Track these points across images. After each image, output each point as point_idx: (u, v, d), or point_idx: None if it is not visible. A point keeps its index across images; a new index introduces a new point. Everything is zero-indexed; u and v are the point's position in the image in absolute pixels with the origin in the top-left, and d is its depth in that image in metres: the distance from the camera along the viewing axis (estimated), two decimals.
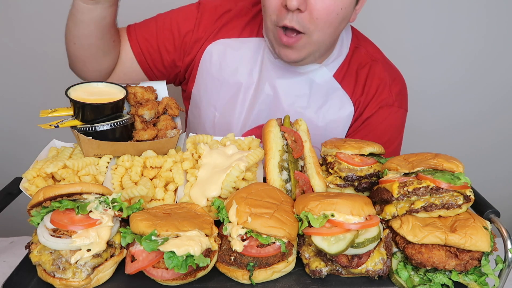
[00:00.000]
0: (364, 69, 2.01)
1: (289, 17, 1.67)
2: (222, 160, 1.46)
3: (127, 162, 1.47)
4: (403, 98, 2.06)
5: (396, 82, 2.03)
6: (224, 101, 2.01)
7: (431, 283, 1.15)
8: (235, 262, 1.16)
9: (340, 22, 1.75)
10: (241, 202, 1.21)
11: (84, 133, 1.42)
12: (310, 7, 1.65)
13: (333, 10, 1.68)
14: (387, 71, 2.02)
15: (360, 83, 2.00)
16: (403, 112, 2.05)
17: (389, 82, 2.00)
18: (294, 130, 1.57)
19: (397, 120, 2.03)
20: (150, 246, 1.08)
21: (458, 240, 1.10)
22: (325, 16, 1.68)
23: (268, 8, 1.74)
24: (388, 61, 2.10)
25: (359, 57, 2.03)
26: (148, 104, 1.59)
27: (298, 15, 1.66)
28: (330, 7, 1.66)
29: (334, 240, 1.13)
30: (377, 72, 2.01)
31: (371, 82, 1.99)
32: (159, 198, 1.40)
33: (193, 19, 1.98)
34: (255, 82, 2.00)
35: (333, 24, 1.73)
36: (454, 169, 1.22)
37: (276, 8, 1.70)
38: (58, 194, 1.15)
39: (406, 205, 1.23)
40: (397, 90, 2.01)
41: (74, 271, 1.10)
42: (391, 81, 2.01)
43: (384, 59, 2.08)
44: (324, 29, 1.72)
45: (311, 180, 1.45)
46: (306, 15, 1.67)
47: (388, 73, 2.02)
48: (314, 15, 1.66)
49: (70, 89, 1.48)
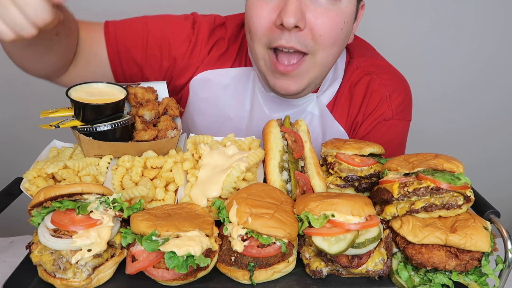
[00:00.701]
0: (358, 86, 1.81)
1: (286, 36, 1.46)
2: (223, 161, 1.46)
3: (128, 163, 1.47)
4: (405, 109, 1.86)
5: (396, 93, 1.82)
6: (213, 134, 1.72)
7: (432, 283, 1.15)
8: (236, 262, 1.16)
9: (344, 39, 1.57)
10: (242, 203, 1.21)
11: (84, 134, 1.42)
12: (310, 23, 1.45)
13: (337, 24, 1.48)
14: (384, 82, 1.82)
15: (355, 103, 1.81)
16: (404, 124, 1.88)
17: (389, 94, 1.80)
18: (295, 130, 1.57)
19: (398, 134, 1.86)
20: (150, 246, 1.08)
21: (458, 241, 1.11)
22: (329, 32, 1.47)
23: (257, 30, 1.51)
24: (385, 69, 1.88)
25: (351, 74, 1.82)
26: (148, 104, 1.60)
27: (297, 33, 1.46)
28: (333, 21, 1.47)
29: (334, 240, 1.13)
30: (373, 87, 1.80)
31: (368, 100, 1.80)
32: (160, 199, 1.40)
33: (186, 42, 1.75)
34: (246, 116, 1.84)
35: (338, 41, 1.54)
36: (454, 170, 1.22)
37: (266, 28, 1.49)
38: (59, 194, 1.15)
39: (407, 205, 1.23)
40: (398, 102, 1.82)
41: (75, 271, 1.11)
42: (391, 93, 1.81)
43: (380, 68, 1.86)
44: (328, 48, 1.52)
45: (312, 181, 1.45)
46: (307, 33, 1.47)
47: (386, 84, 1.81)
48: (316, 31, 1.46)
49: (71, 89, 1.48)
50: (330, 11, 1.46)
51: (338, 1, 1.47)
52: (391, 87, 1.82)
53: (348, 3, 1.50)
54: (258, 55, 1.58)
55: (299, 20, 1.41)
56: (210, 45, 1.78)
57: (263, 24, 1.49)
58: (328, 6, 1.46)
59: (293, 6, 1.40)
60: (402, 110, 1.84)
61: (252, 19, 1.52)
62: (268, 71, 1.60)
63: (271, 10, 1.47)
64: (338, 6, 1.47)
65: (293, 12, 1.39)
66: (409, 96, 1.90)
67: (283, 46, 1.49)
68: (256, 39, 1.55)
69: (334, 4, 1.47)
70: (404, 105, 1.85)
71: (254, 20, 1.51)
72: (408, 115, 1.89)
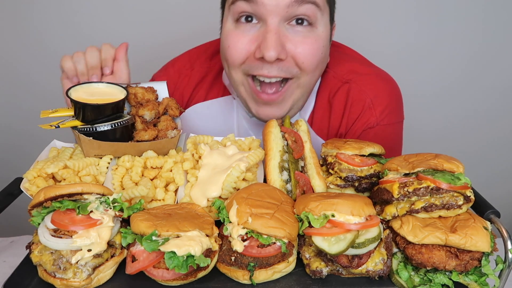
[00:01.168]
0: (337, 96, 1.75)
1: (267, 67, 1.47)
2: (223, 161, 1.46)
3: (128, 163, 1.47)
4: (392, 112, 1.78)
5: (379, 98, 1.75)
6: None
7: (432, 283, 1.15)
8: (236, 262, 1.16)
9: (324, 61, 1.59)
10: (242, 203, 1.21)
11: (84, 134, 1.42)
12: (291, 52, 1.47)
13: (317, 49, 1.51)
14: (364, 88, 1.75)
15: (336, 114, 1.76)
16: (393, 127, 1.80)
17: (370, 101, 1.74)
18: (295, 130, 1.57)
19: (387, 138, 1.77)
20: (150, 246, 1.08)
21: (459, 241, 1.11)
22: (311, 58, 1.50)
23: (235, 60, 1.52)
24: (364, 74, 1.79)
25: (328, 83, 1.77)
26: (148, 104, 1.60)
27: (278, 64, 1.47)
28: (313, 47, 1.50)
29: (334, 240, 1.13)
30: (353, 96, 1.75)
31: (349, 110, 1.75)
32: (160, 199, 1.40)
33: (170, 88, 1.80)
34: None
35: (320, 64, 1.57)
36: (454, 170, 1.22)
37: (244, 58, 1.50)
38: (59, 194, 1.15)
39: (407, 205, 1.23)
40: (382, 108, 1.75)
41: (75, 271, 1.11)
42: (373, 99, 1.74)
43: (358, 74, 1.78)
44: (312, 72, 1.55)
45: (312, 181, 1.45)
46: (290, 61, 1.49)
47: (366, 91, 1.75)
48: (299, 59, 1.49)
49: (71, 89, 1.48)
50: (308, 38, 1.50)
51: (314, 28, 1.50)
52: (372, 93, 1.75)
53: (323, 28, 1.54)
54: (237, 81, 1.60)
55: (280, 53, 1.44)
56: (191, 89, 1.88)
57: (241, 55, 1.51)
58: (306, 34, 1.50)
59: (273, 40, 1.41)
60: (387, 115, 1.77)
61: (229, 50, 1.53)
62: (249, 98, 1.61)
63: (249, 42, 1.49)
64: (315, 32, 1.51)
65: (274, 46, 1.41)
66: (395, 97, 1.82)
67: (265, 76, 1.50)
68: (234, 68, 1.56)
69: (311, 31, 1.50)
70: (390, 109, 1.78)
71: (231, 51, 1.53)
72: (396, 117, 1.81)
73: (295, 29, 1.48)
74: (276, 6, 1.41)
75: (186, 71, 1.91)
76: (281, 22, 1.46)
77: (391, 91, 1.81)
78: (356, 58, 1.89)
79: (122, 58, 1.63)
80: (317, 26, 1.51)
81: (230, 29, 1.54)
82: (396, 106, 1.82)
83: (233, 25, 1.53)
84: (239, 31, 1.51)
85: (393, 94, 1.82)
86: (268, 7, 1.41)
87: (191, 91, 1.90)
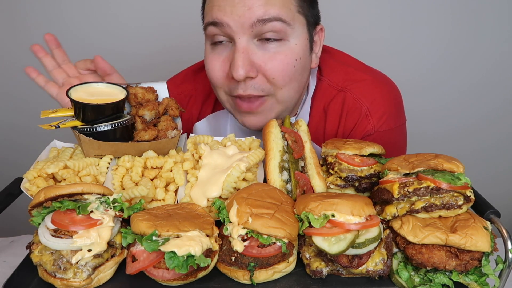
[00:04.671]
0: (332, 105, 1.75)
1: (242, 86, 1.53)
2: (223, 161, 1.46)
3: (128, 163, 1.47)
4: (391, 117, 1.75)
5: (375, 105, 1.73)
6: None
7: (432, 283, 1.15)
8: (236, 262, 1.16)
9: (301, 73, 1.58)
10: (242, 203, 1.21)
11: (84, 134, 1.42)
12: (261, 69, 1.50)
13: (288, 64, 1.51)
14: (360, 96, 1.73)
15: (332, 124, 1.75)
16: (394, 131, 1.77)
17: (367, 109, 1.72)
18: (295, 130, 1.58)
19: (387, 142, 1.69)
20: (151, 246, 1.08)
21: (459, 241, 1.11)
22: (282, 73, 1.51)
23: (216, 81, 1.61)
24: (359, 81, 1.76)
25: (323, 93, 1.77)
26: (148, 104, 1.59)
27: (251, 81, 1.52)
28: (283, 62, 1.50)
29: (334, 240, 1.14)
30: (349, 105, 1.73)
31: (345, 119, 1.74)
32: (160, 199, 1.40)
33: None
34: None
35: (294, 77, 1.56)
36: (454, 170, 1.22)
37: (223, 79, 1.57)
38: (59, 195, 1.15)
39: (407, 205, 1.23)
40: (379, 115, 1.72)
41: (75, 271, 1.11)
42: (369, 107, 1.72)
43: (353, 81, 1.76)
44: (286, 86, 1.55)
45: (312, 181, 1.45)
46: (261, 78, 1.52)
47: (362, 99, 1.73)
48: (269, 75, 1.51)
49: (71, 89, 1.48)
50: (278, 54, 1.50)
51: (285, 41, 1.51)
52: (368, 100, 1.73)
53: (297, 40, 1.52)
54: (223, 100, 1.69)
55: (249, 71, 1.48)
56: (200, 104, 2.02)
57: (219, 76, 1.58)
58: (276, 49, 1.50)
59: (240, 59, 1.46)
60: (385, 121, 1.74)
61: (209, 72, 1.62)
62: (235, 112, 1.70)
63: (223, 63, 1.56)
64: (286, 46, 1.51)
65: (241, 65, 1.46)
66: (393, 101, 1.79)
67: (241, 96, 1.56)
68: (218, 88, 1.65)
69: (282, 45, 1.50)
70: (388, 115, 1.75)
71: (211, 73, 1.61)
72: (395, 122, 1.78)
73: (265, 45, 1.50)
74: (241, 27, 1.46)
75: (190, 92, 2.03)
76: (250, 40, 1.49)
77: (389, 96, 1.78)
78: (351, 64, 1.87)
79: (111, 70, 1.71)
80: (288, 39, 1.51)
81: (208, 52, 1.62)
82: (395, 110, 1.79)
83: (210, 48, 1.61)
84: (215, 54, 1.58)
85: (391, 99, 1.79)
86: (234, 28, 1.47)
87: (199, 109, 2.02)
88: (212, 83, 1.65)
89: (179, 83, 2.06)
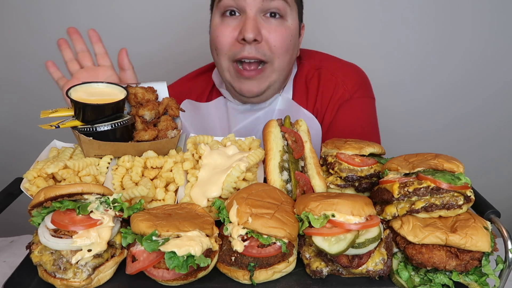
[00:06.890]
0: (311, 80, 2.09)
1: (247, 48, 1.81)
2: (223, 161, 1.46)
3: (128, 163, 1.47)
4: (362, 87, 2.08)
5: (348, 76, 2.07)
6: None
7: (432, 283, 1.15)
8: (236, 262, 1.16)
9: (293, 48, 1.92)
10: (242, 203, 1.21)
11: (84, 134, 1.42)
12: (265, 37, 1.82)
13: (287, 37, 1.86)
14: (334, 71, 2.08)
15: (312, 94, 2.07)
16: (366, 101, 2.08)
17: (341, 78, 2.05)
18: (295, 130, 1.58)
19: (362, 111, 2.06)
20: (151, 246, 1.08)
21: (459, 241, 1.10)
22: (281, 42, 1.84)
23: (223, 46, 1.85)
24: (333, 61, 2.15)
25: (304, 71, 2.12)
26: (148, 104, 1.59)
27: (256, 45, 1.81)
28: (283, 34, 1.84)
29: (334, 240, 1.13)
30: (325, 78, 2.07)
31: (323, 89, 2.06)
32: (160, 199, 1.40)
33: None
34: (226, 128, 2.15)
35: (289, 49, 1.89)
36: (454, 170, 1.22)
37: (230, 44, 1.84)
38: (59, 195, 1.15)
39: (407, 205, 1.23)
40: (352, 83, 2.05)
41: (75, 271, 1.11)
42: (343, 77, 2.06)
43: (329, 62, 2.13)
44: (282, 55, 1.87)
45: (312, 181, 1.45)
46: (264, 44, 1.83)
47: (336, 73, 2.07)
48: (271, 43, 1.83)
49: (71, 89, 1.48)
50: (279, 27, 1.85)
51: (284, 20, 1.86)
52: (341, 73, 2.08)
53: (292, 21, 1.89)
54: (224, 68, 1.93)
55: (257, 35, 1.78)
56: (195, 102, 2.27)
57: (227, 41, 1.85)
58: (277, 24, 1.85)
59: (251, 24, 1.78)
60: (358, 89, 2.06)
61: (218, 39, 1.87)
62: (233, 79, 1.93)
63: (233, 30, 1.84)
64: (285, 23, 1.87)
65: (252, 29, 1.77)
66: (363, 77, 2.13)
67: (245, 57, 1.83)
68: (222, 54, 1.89)
69: (282, 22, 1.86)
70: (359, 84, 2.08)
71: (220, 39, 1.87)
72: (368, 92, 2.11)
73: (269, 20, 1.84)
74: (253, 1, 1.79)
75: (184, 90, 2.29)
76: (258, 13, 1.81)
77: (359, 72, 2.14)
78: (326, 55, 2.23)
79: (129, 66, 1.81)
80: (287, 19, 1.87)
81: (217, 22, 1.88)
82: (365, 83, 2.12)
83: (219, 19, 1.88)
84: (224, 24, 1.86)
85: (361, 74, 2.14)
86: (248, 1, 1.78)
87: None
88: (218, 49, 1.88)
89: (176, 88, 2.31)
